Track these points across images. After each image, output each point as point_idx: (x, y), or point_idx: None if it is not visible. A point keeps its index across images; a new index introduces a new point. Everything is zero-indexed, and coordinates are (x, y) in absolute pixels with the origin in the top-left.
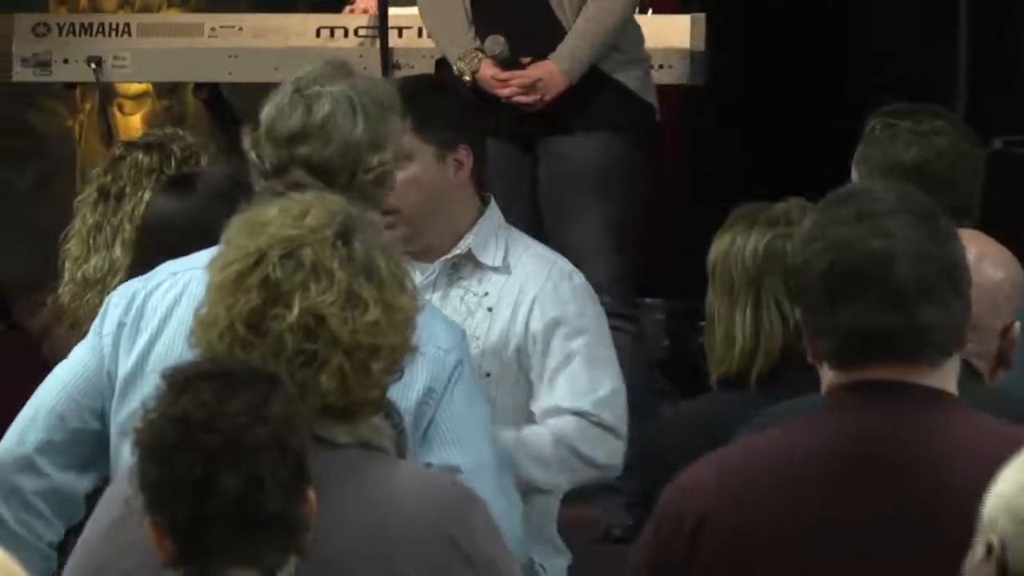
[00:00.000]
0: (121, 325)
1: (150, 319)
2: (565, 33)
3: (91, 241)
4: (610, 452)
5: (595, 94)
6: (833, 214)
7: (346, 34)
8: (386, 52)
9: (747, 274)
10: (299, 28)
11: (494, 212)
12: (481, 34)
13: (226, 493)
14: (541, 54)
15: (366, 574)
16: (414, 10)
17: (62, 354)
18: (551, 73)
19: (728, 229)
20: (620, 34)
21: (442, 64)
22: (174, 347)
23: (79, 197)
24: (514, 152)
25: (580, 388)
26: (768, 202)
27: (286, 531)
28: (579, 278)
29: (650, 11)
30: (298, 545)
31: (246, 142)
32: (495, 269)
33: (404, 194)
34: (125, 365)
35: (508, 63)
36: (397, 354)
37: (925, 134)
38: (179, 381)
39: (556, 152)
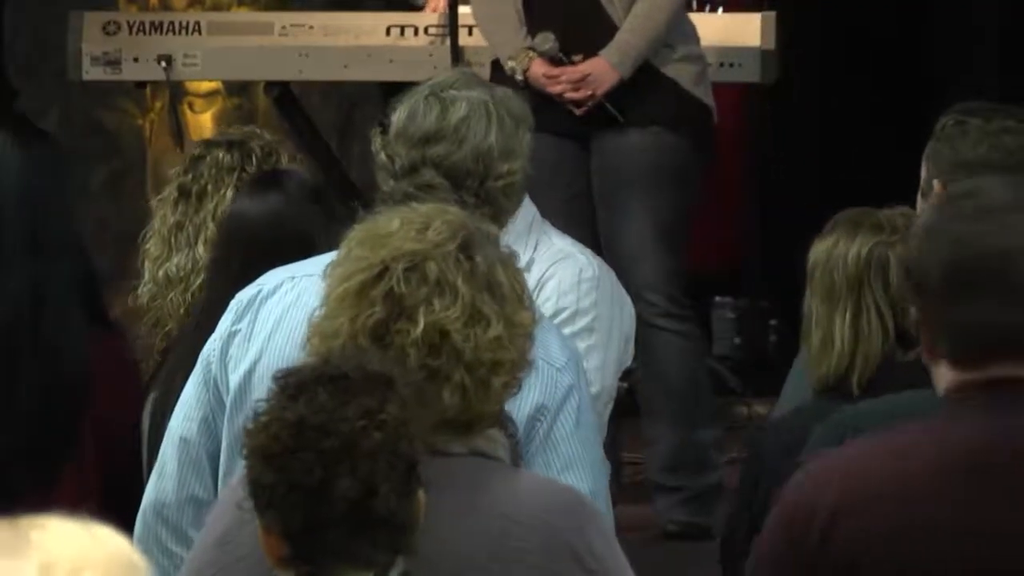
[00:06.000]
0: (232, 334)
1: (263, 326)
2: (615, 29)
3: (172, 240)
4: None
5: (647, 89)
6: (951, 211)
7: (416, 32)
8: (456, 50)
9: (848, 279)
10: (369, 26)
11: (527, 211)
12: (533, 34)
13: (341, 497)
14: (591, 51)
15: None
16: None
17: (143, 353)
18: (601, 68)
19: (831, 232)
20: (671, 29)
21: (497, 65)
22: (285, 352)
23: (158, 197)
24: (570, 148)
25: None
26: (871, 207)
27: (398, 532)
28: (590, 271)
29: (720, 9)
30: (408, 545)
31: (375, 143)
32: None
33: None
34: (238, 373)
35: (559, 60)
36: (517, 369)
37: (995, 132)
38: (294, 384)
39: (608, 147)
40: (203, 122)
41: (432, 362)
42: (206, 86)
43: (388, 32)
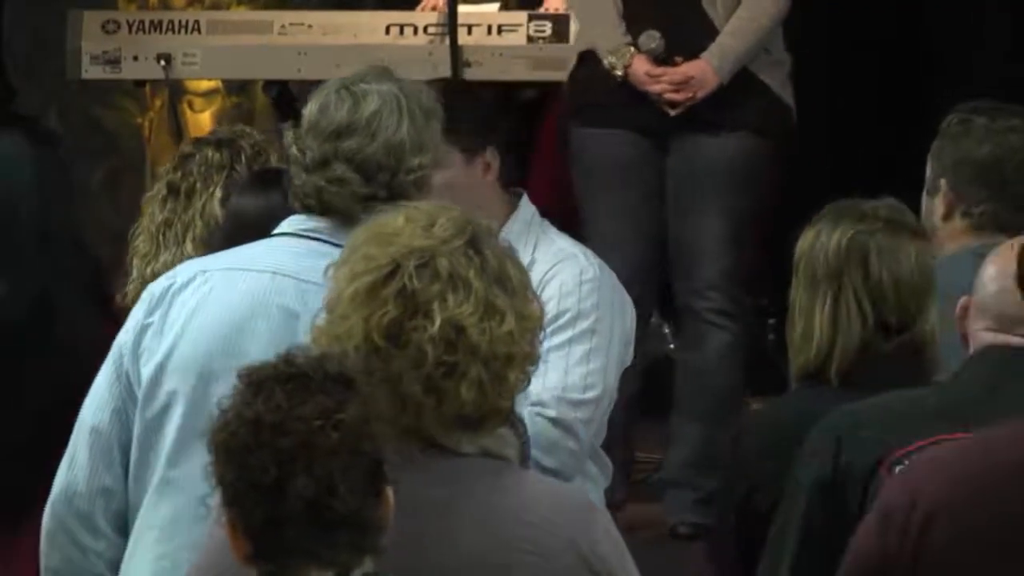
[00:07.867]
0: (144, 327)
1: (176, 319)
2: (716, 31)
3: (160, 238)
4: (561, 458)
5: (739, 93)
6: None
7: (415, 32)
8: (456, 50)
9: (828, 268)
10: (369, 25)
11: (525, 210)
12: (631, 30)
13: (298, 496)
14: (691, 52)
15: None
16: (484, 8)
17: None
18: (703, 71)
19: (816, 223)
20: (773, 34)
21: (585, 57)
22: (199, 345)
23: (147, 194)
24: (646, 146)
25: (551, 382)
26: (860, 199)
27: (360, 532)
28: (591, 273)
29: None
30: (373, 545)
31: (287, 137)
32: None
33: (437, 198)
34: (149, 366)
35: (661, 60)
36: (528, 362)
37: (1000, 131)
38: (254, 382)
39: (691, 147)
40: (202, 121)
41: (450, 358)
42: (205, 85)
43: (387, 31)
